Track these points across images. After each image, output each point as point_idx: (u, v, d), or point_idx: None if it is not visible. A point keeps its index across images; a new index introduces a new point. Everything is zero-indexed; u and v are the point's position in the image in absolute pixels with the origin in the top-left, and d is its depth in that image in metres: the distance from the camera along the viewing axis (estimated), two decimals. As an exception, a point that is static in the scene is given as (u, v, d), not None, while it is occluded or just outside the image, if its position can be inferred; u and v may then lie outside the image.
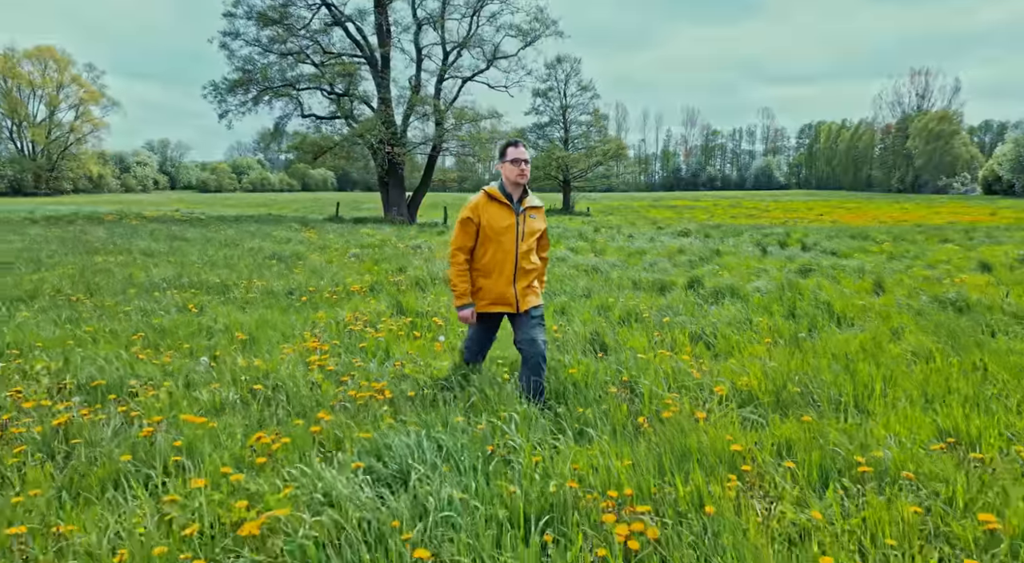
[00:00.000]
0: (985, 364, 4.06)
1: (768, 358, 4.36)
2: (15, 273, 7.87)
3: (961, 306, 5.61)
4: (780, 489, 2.52)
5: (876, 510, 2.31)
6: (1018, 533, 2.16)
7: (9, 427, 2.90)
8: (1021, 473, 2.61)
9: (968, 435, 3.00)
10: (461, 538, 2.04)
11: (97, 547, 2.04)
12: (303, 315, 5.75)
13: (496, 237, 3.49)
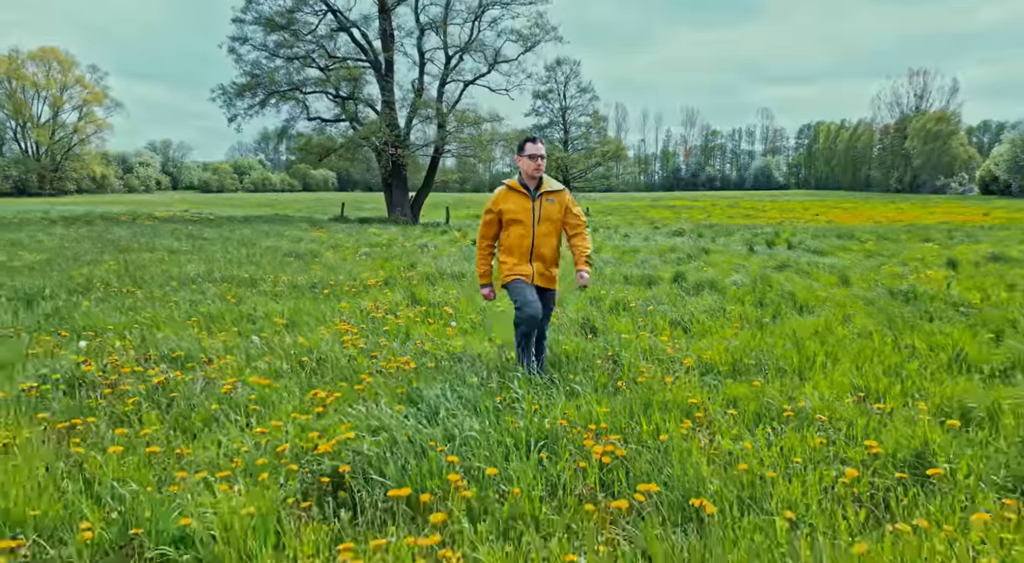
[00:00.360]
0: (914, 343, 4.83)
1: (734, 338, 5.14)
2: (59, 269, 8.64)
3: (909, 296, 6.39)
4: (722, 428, 3.29)
5: (791, 440, 3.09)
6: (891, 452, 2.94)
7: (119, 385, 3.68)
8: (912, 417, 3.38)
9: (877, 392, 3.78)
10: (480, 452, 2.81)
11: (216, 459, 2.81)
12: (329, 305, 6.52)
13: (516, 223, 4.07)
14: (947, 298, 6.28)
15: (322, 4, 24.40)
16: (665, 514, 2.49)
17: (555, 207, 4.14)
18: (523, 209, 4.05)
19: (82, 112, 73.27)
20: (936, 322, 5.47)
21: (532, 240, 4.07)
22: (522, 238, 4.06)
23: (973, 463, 2.85)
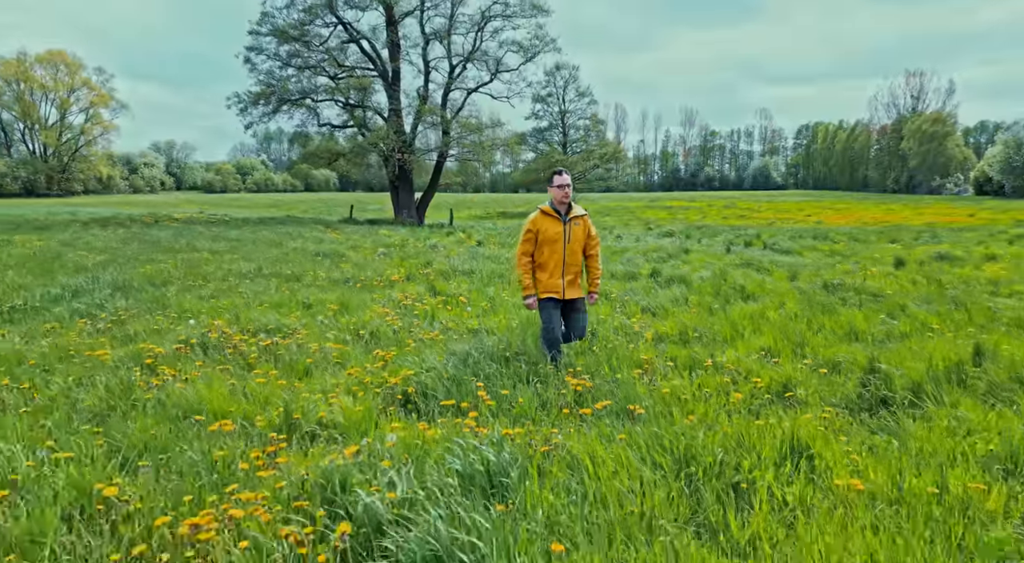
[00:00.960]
0: (824, 322, 6.36)
1: (687, 319, 6.67)
2: (127, 266, 10.16)
3: (837, 289, 7.92)
4: (661, 373, 4.82)
5: (704, 379, 4.61)
6: (767, 385, 4.46)
7: (238, 346, 5.21)
8: (794, 366, 4.90)
9: (777, 351, 5.31)
10: (498, 382, 4.34)
11: (326, 388, 4.34)
12: (366, 295, 8.05)
13: (549, 241, 4.88)
14: (865, 290, 7.82)
15: (333, 17, 25.92)
16: (613, 417, 4.01)
17: (581, 229, 5.02)
18: (555, 231, 4.89)
19: (88, 114, 74.80)
20: (848, 307, 7.01)
21: (563, 257, 4.91)
22: (553, 255, 4.90)
23: (820, 391, 4.38)
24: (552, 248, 4.87)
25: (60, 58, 71.79)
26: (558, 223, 4.88)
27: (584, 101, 46.48)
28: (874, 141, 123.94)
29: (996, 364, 4.67)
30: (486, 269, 10.31)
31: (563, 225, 4.88)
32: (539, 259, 4.93)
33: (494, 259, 11.76)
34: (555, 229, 4.87)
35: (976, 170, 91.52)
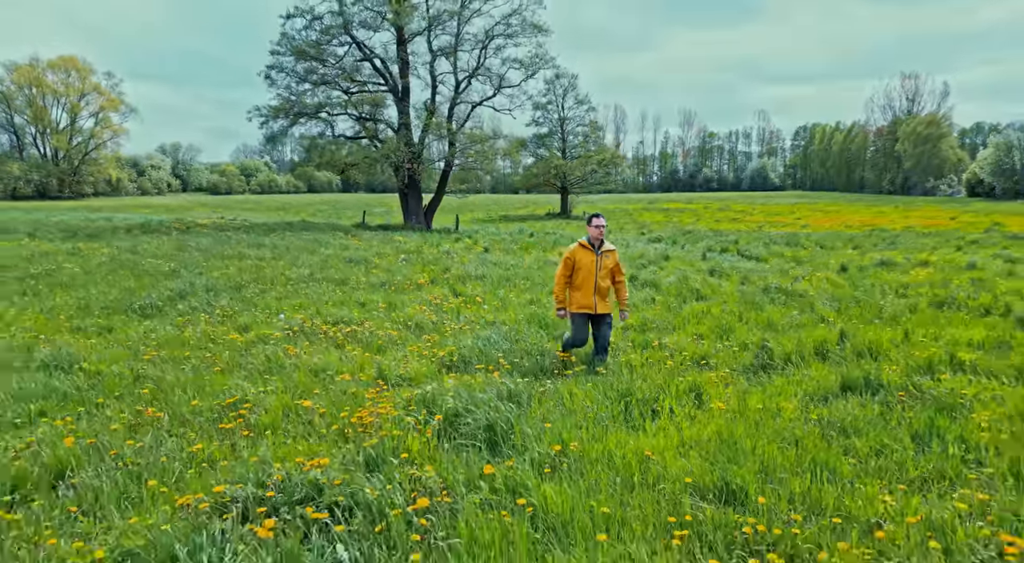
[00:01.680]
0: (750, 316, 8.62)
1: (650, 314, 8.92)
2: (197, 272, 12.39)
3: (770, 291, 10.18)
4: (623, 350, 7.07)
5: (651, 354, 6.87)
6: (692, 356, 6.72)
7: (327, 333, 7.46)
8: (717, 345, 7.14)
9: (707, 336, 7.57)
10: (511, 353, 6.60)
11: (397, 358, 6.60)
12: (402, 296, 10.30)
13: (584, 268, 6.25)
14: (793, 292, 10.08)
15: (347, 37, 28.16)
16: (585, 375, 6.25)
17: (610, 260, 6.41)
18: (589, 261, 6.28)
19: (98, 118, 77.05)
20: (774, 305, 9.27)
21: (595, 281, 6.27)
22: (586, 279, 6.29)
23: (727, 360, 6.64)
24: (586, 274, 6.25)
25: (71, 63, 74.09)
26: (592, 254, 6.32)
27: (583, 108, 48.80)
28: (870, 143, 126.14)
29: (852, 344, 6.93)
30: (495, 274, 12.57)
31: (596, 256, 6.32)
32: (575, 281, 6.34)
33: (501, 265, 14.01)
34: (589, 258, 6.29)
35: (968, 172, 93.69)
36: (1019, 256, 16.28)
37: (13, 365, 6.11)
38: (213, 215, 35.52)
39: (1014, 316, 8.15)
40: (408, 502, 3.40)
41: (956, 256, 16.51)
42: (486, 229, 33.65)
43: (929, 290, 10.69)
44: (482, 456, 4.13)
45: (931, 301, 9.76)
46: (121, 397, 5.25)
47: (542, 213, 54.16)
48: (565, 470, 3.89)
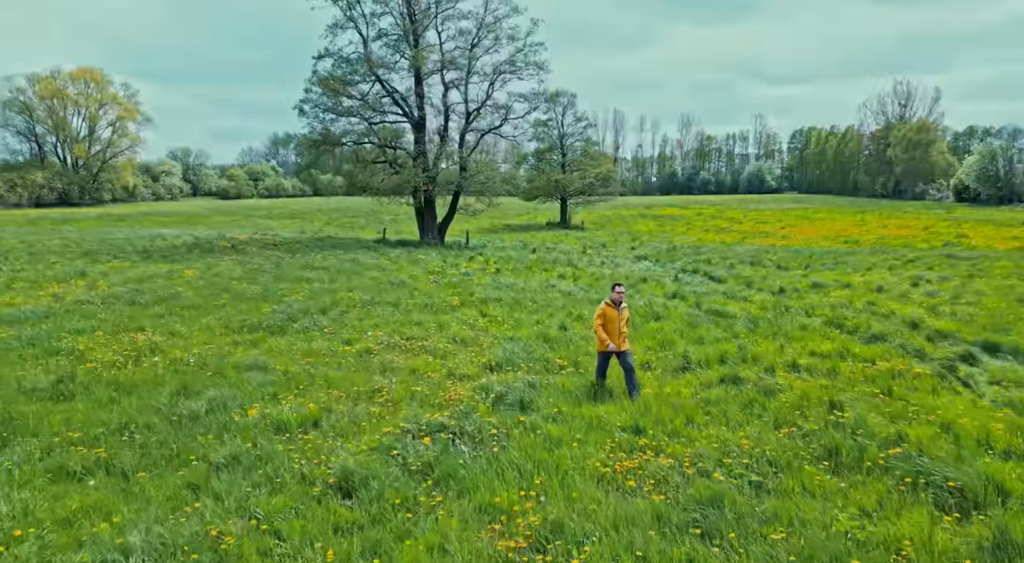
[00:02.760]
0: (689, 334, 12.74)
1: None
2: (278, 297, 16.49)
3: (713, 312, 14.31)
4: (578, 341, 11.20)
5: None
6: (637, 363, 10.86)
7: (405, 346, 11.62)
8: (660, 355, 11.25)
9: (654, 348, 11.72)
10: (530, 361, 10.76)
11: (457, 362, 10.75)
12: (444, 316, 14.41)
13: (611, 321, 9.03)
14: (726, 313, 14.22)
15: (372, 76, 32.25)
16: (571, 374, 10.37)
17: (626, 314, 9.48)
18: (614, 316, 9.16)
19: (116, 127, 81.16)
20: (708, 324, 13.40)
21: (618, 328, 9.13)
22: (612, 328, 9.14)
23: (662, 364, 10.75)
24: (612, 324, 9.23)
25: (90, 75, 78.20)
26: (615, 311, 9.32)
27: (581, 125, 52.97)
28: (864, 147, 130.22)
29: (744, 354, 11.06)
30: (508, 297, 16.71)
31: (618, 312, 9.32)
32: (607, 328, 9.23)
33: (512, 288, 18.14)
34: (614, 314, 9.28)
35: (956, 178, 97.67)
36: (932, 277, 20.41)
37: (226, 366, 10.22)
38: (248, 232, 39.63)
39: (859, 335, 12.31)
40: (484, 430, 7.53)
41: (879, 277, 20.66)
42: (493, 243, 37.85)
43: (830, 312, 14.85)
44: (516, 414, 8.25)
45: (825, 321, 13.93)
46: (306, 388, 9.37)
47: (542, 222, 58.29)
48: (559, 421, 8.02)
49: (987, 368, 10.72)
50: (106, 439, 7.35)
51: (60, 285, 18.01)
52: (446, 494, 6.15)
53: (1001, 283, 19.27)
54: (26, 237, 33.07)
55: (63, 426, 7.69)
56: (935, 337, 12.61)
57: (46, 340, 11.65)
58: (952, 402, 8.65)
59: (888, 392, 9.00)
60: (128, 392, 9.01)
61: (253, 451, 6.94)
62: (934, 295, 17.03)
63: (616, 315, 9.27)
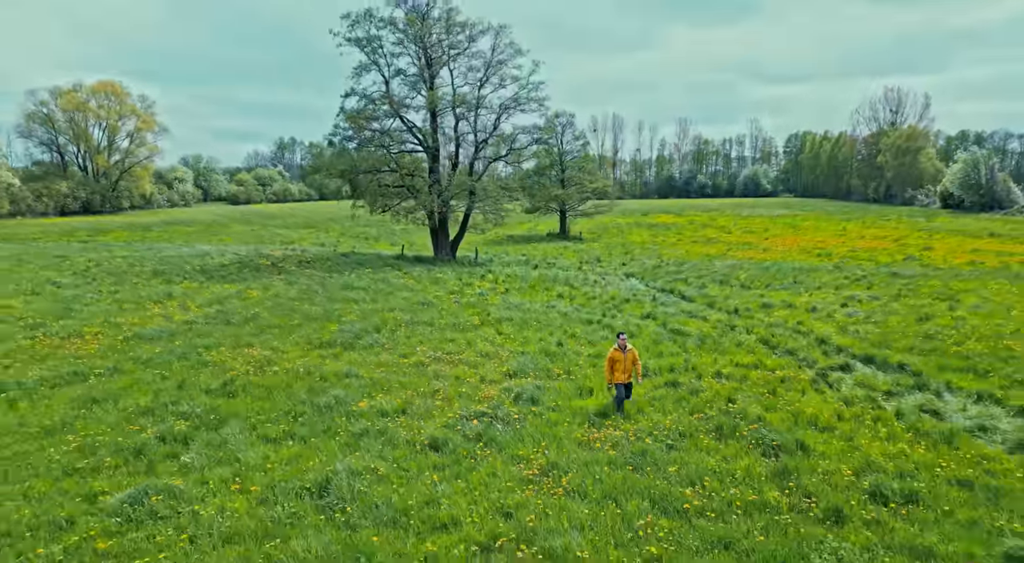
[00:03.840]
0: (653, 349, 17.60)
1: (603, 348, 17.90)
2: (335, 315, 21.31)
3: (673, 331, 19.15)
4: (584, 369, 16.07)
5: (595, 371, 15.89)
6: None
7: (447, 359, 16.49)
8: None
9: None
10: (537, 371, 15.65)
11: (488, 370, 15.62)
12: (470, 334, 19.24)
13: (619, 362, 12.17)
14: (685, 332, 19.07)
15: (393, 111, 37.05)
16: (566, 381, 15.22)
17: (630, 356, 12.32)
18: (620, 357, 12.17)
19: (134, 138, 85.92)
20: (667, 342, 18.24)
21: (624, 367, 12.23)
22: (618, 366, 12.21)
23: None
24: (620, 365, 12.31)
25: (111, 88, 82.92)
26: (621, 354, 12.32)
27: (579, 143, 57.74)
28: (857, 151, 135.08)
29: (689, 365, 15.91)
30: (517, 317, 21.54)
31: (623, 355, 12.39)
32: (615, 368, 12.32)
33: (520, 309, 22.98)
34: (619, 356, 12.29)
35: (941, 185, 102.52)
36: (863, 297, 25.25)
37: (328, 374, 15.03)
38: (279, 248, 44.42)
39: (778, 350, 17.20)
40: (509, 416, 12.37)
41: (820, 297, 25.49)
42: (499, 258, 42.76)
43: (764, 330, 19.71)
44: (529, 406, 13.06)
45: (758, 338, 18.78)
46: (389, 389, 14.18)
47: (543, 232, 63.16)
48: (556, 410, 12.86)
49: (855, 375, 15.58)
50: (281, 420, 12.21)
51: (158, 306, 22.86)
52: (491, 450, 11.00)
53: (916, 303, 24.14)
54: (85, 253, 37.88)
55: (248, 412, 12.54)
56: (831, 351, 17.51)
57: (191, 354, 16.50)
58: (811, 398, 13.51)
59: (773, 392, 13.88)
60: (272, 391, 13.86)
61: (374, 426, 11.79)
62: (852, 315, 21.89)
63: (622, 357, 12.48)
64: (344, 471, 9.73)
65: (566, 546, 7.87)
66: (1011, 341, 17.92)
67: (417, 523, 8.54)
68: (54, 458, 10.47)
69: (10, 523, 8.47)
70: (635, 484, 9.55)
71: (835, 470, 9.93)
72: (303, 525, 8.46)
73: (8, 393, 13.47)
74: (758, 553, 7.76)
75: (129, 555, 7.77)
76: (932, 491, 9.25)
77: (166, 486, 9.29)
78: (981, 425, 12.03)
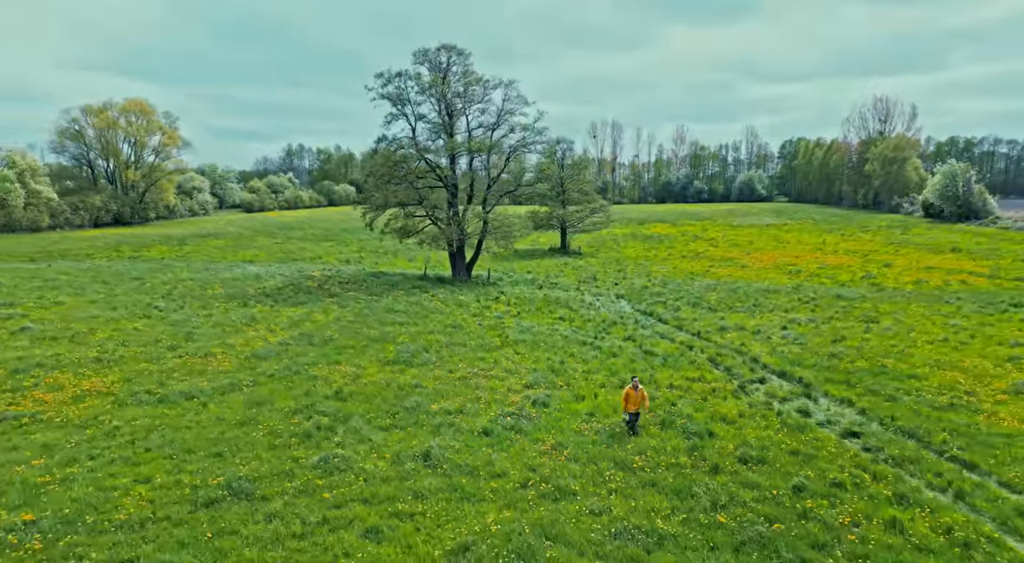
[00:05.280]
0: (631, 368, 24.88)
1: (593, 366, 25.16)
2: (392, 337, 28.56)
3: (646, 352, 26.40)
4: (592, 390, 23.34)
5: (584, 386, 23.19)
6: (598, 382, 23.02)
7: (482, 375, 23.79)
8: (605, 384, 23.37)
9: (605, 374, 23.95)
10: (551, 385, 22.96)
11: (513, 382, 22.92)
12: (495, 353, 26.47)
13: (631, 398, 17.68)
14: (653, 352, 26.31)
15: (418, 155, 44.27)
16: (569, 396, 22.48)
17: (640, 394, 17.84)
18: (633, 395, 17.70)
19: (159, 152, 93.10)
20: (639, 360, 25.50)
21: (637, 401, 17.78)
22: (630, 400, 17.74)
23: (604, 383, 22.89)
24: (632, 399, 17.78)
25: (139, 106, 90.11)
26: (634, 392, 17.76)
27: (578, 167, 64.85)
28: (848, 158, 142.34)
29: (654, 378, 23.17)
30: (528, 339, 28.79)
31: (635, 393, 17.84)
32: (628, 402, 17.80)
33: (530, 332, 30.23)
34: (632, 394, 17.72)
35: (923, 195, 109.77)
36: (803, 320, 32.51)
37: (404, 385, 22.26)
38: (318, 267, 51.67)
39: (720, 367, 24.49)
40: (530, 414, 19.64)
41: (767, 320, 32.71)
42: (508, 276, 50.10)
43: (714, 350, 26.95)
44: (542, 408, 20.29)
45: (708, 357, 26.05)
46: (447, 396, 21.40)
47: (545, 246, 70.47)
48: (560, 411, 20.13)
49: (766, 386, 22.82)
50: (385, 417, 19.45)
51: (251, 329, 30.10)
52: (520, 435, 18.26)
53: (842, 325, 31.44)
54: (152, 274, 45.15)
55: (361, 411, 19.77)
56: (757, 368, 24.80)
57: (300, 370, 23.74)
58: (728, 403, 20.76)
59: (704, 398, 21.16)
60: (370, 398, 21.08)
61: (445, 421, 19.04)
62: (786, 337, 29.17)
63: (634, 394, 17.83)
64: (436, 446, 17.00)
65: (566, 484, 15.12)
66: (889, 360, 25.26)
67: (484, 474, 15.80)
68: (257, 439, 17.72)
69: (259, 473, 15.69)
70: (606, 453, 16.83)
71: (723, 446, 17.22)
72: (421, 475, 15.71)
73: (195, 399, 20.74)
74: (668, 487, 15.02)
75: (336, 487, 15.01)
76: (775, 457, 16.53)
77: (336, 454, 16.54)
78: (830, 419, 19.36)
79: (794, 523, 13.39)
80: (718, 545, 12.63)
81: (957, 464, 16.43)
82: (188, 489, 14.72)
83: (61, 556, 12.04)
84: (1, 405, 19.75)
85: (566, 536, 12.88)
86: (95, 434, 17.81)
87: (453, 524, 13.39)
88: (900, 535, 12.93)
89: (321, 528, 13.18)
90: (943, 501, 14.46)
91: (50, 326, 29.80)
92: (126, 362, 24.52)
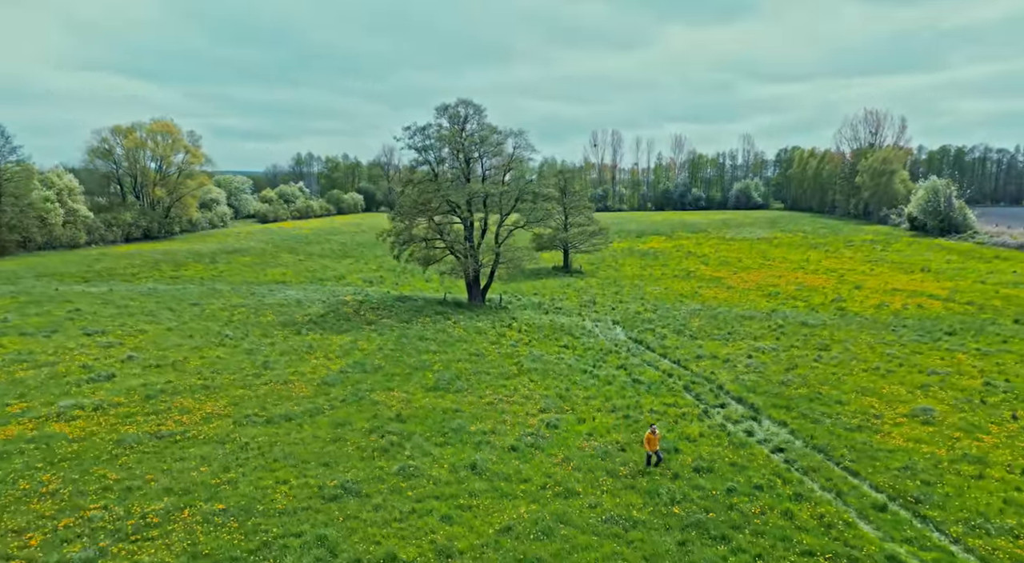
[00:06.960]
0: (619, 392, 32.26)
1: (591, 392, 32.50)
2: (430, 365, 35.88)
3: (634, 380, 33.76)
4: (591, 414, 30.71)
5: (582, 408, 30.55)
6: (596, 406, 30.39)
7: (507, 400, 31.17)
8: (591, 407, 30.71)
9: (601, 399, 31.35)
10: (560, 409, 30.34)
11: (531, 407, 30.30)
12: (515, 380, 33.79)
13: (650, 441, 22.92)
14: (640, 380, 33.68)
15: (441, 197, 51.57)
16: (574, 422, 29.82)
17: (659, 434, 23.48)
18: (652, 437, 22.82)
19: (183, 170, 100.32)
20: (629, 389, 32.87)
21: (655, 442, 23.08)
22: (651, 443, 23.00)
23: (598, 408, 30.24)
24: (651, 438, 23.00)
25: (166, 128, 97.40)
26: (653, 435, 22.99)
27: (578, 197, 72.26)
28: (841, 169, 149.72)
29: (639, 403, 30.51)
30: (539, 367, 36.13)
31: (655, 436, 23.06)
32: (649, 443, 23.11)
33: (541, 360, 37.57)
34: (652, 437, 22.95)
35: (908, 209, 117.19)
36: (767, 348, 39.86)
37: (447, 409, 29.58)
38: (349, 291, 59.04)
39: (691, 393, 31.89)
40: (544, 434, 27.01)
41: (735, 348, 40.01)
42: (516, 299, 57.54)
43: (688, 377, 34.29)
44: (554, 429, 27.60)
45: (683, 384, 33.41)
46: (482, 418, 28.71)
47: (549, 265, 77.86)
48: (567, 432, 27.47)
49: (725, 410, 30.13)
50: (437, 436, 26.78)
51: (312, 357, 37.41)
52: (538, 451, 25.61)
53: (798, 353, 38.80)
54: (206, 300, 52.47)
55: (418, 430, 27.10)
56: (721, 394, 32.16)
57: (363, 396, 31.05)
58: (694, 425, 28.09)
59: (676, 421, 28.53)
60: (423, 420, 28.40)
61: (484, 439, 26.37)
62: (749, 366, 36.51)
63: (653, 437, 23.07)
64: (479, 459, 24.33)
65: (572, 487, 22.47)
66: (825, 387, 32.65)
67: (515, 479, 23.12)
68: (349, 453, 25.02)
69: (359, 477, 23.00)
70: (600, 464, 24.17)
71: (684, 460, 24.57)
72: (471, 480, 23.01)
73: (292, 421, 28.06)
74: (642, 489, 22.34)
75: (414, 488, 22.32)
76: (719, 467, 23.87)
77: (409, 464, 23.87)
78: (767, 438, 26.74)
79: (723, 512, 20.76)
80: (671, 527, 19.99)
81: (847, 472, 23.80)
82: (316, 488, 22.06)
83: (252, 531, 19.38)
84: (154, 426, 27.08)
85: (573, 521, 20.23)
86: (233, 448, 25.15)
87: (498, 513, 20.73)
88: (789, 520, 20.30)
89: (412, 515, 20.53)
90: (826, 498, 21.82)
91: (148, 355, 37.12)
92: (226, 388, 31.86)
